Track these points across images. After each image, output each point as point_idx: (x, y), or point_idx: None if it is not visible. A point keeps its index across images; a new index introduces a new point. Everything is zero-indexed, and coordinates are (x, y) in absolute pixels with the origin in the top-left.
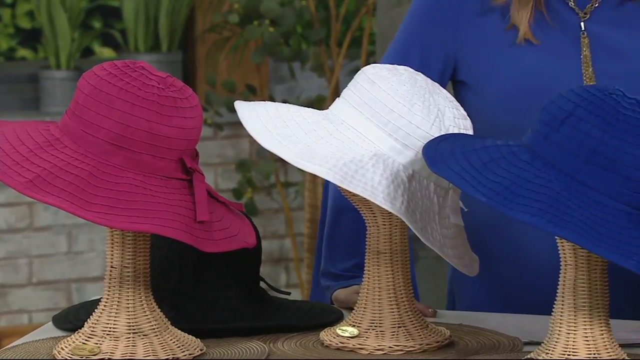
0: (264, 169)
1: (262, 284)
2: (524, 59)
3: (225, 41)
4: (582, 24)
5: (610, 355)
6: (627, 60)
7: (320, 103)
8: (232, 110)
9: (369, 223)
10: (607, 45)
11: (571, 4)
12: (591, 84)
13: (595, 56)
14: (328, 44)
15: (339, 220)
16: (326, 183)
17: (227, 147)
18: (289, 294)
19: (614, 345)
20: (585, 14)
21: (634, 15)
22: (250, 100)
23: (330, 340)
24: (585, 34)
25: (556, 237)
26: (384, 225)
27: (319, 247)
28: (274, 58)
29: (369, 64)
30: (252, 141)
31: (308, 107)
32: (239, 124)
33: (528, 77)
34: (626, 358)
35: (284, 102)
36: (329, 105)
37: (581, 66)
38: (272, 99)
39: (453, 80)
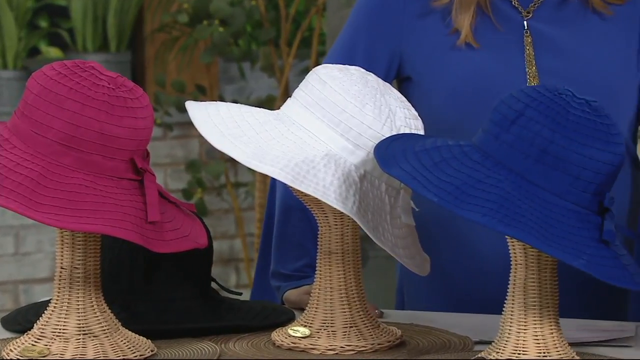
0: (214, 169)
1: (213, 285)
2: (469, 58)
3: (175, 41)
4: (525, 22)
5: (560, 354)
6: (570, 57)
7: (270, 103)
8: (182, 110)
9: (320, 223)
10: (550, 43)
11: (514, 3)
12: (535, 82)
13: (538, 54)
14: (278, 44)
15: (288, 220)
16: (271, 184)
17: (177, 148)
18: (240, 294)
19: (564, 344)
20: (528, 12)
21: (575, 14)
22: (199, 101)
23: (282, 341)
24: (529, 32)
25: (507, 237)
26: (336, 225)
27: (261, 247)
28: (224, 58)
29: (319, 64)
30: (202, 141)
31: (258, 107)
32: (188, 124)
33: (473, 76)
34: (575, 357)
35: (234, 102)
36: (280, 106)
37: (525, 64)
38: (221, 99)
39: (398, 77)
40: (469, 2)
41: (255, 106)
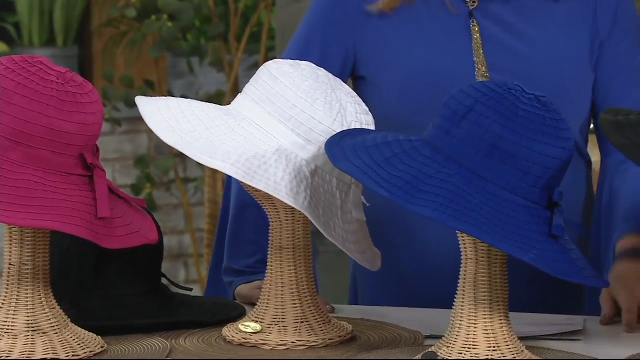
0: (163, 165)
1: (163, 280)
2: (418, 53)
3: (123, 36)
4: (471, 13)
5: (510, 348)
6: (514, 47)
7: (219, 98)
8: (130, 105)
9: (271, 219)
10: (495, 33)
11: None
12: (483, 70)
13: (485, 43)
14: (227, 39)
15: (243, 216)
16: (228, 179)
17: (125, 143)
18: (191, 290)
19: (513, 338)
20: (474, 2)
21: (519, 5)
22: (148, 96)
23: (233, 336)
24: (475, 22)
25: (457, 232)
26: (287, 220)
27: (217, 243)
28: (172, 53)
29: (268, 59)
30: (151, 136)
31: (207, 102)
32: (137, 119)
33: (423, 70)
34: (525, 351)
35: (183, 97)
36: (229, 101)
37: (473, 55)
38: (170, 94)
39: (353, 76)
40: None
41: (205, 101)
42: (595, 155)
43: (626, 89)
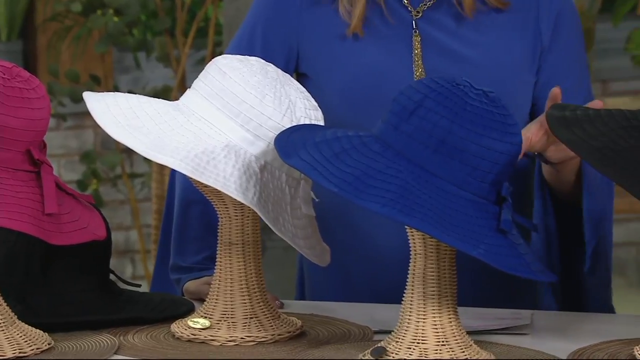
0: (109, 160)
1: (112, 277)
2: (361, 55)
3: (68, 30)
4: (414, 22)
5: (458, 343)
6: (456, 58)
7: (166, 93)
8: (76, 100)
9: (220, 214)
10: (437, 43)
11: (405, 1)
12: (423, 75)
13: (425, 54)
14: (174, 34)
15: (188, 213)
16: (171, 175)
17: (71, 138)
18: (139, 286)
19: (462, 333)
20: (418, 12)
21: (461, 17)
22: (94, 91)
23: (182, 332)
24: (417, 32)
25: (406, 227)
26: (236, 216)
27: (161, 239)
28: (118, 48)
29: (215, 54)
30: (97, 132)
31: (154, 97)
32: (82, 115)
33: (364, 73)
34: (473, 345)
35: (130, 92)
36: (176, 96)
37: (412, 64)
38: (116, 89)
39: (296, 72)
40: None
41: (151, 96)
42: None
43: (571, 92)
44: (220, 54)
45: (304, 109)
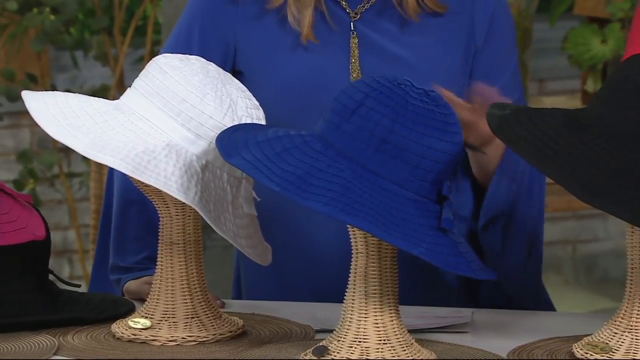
0: (47, 160)
1: (51, 277)
2: (299, 58)
3: (3, 29)
4: (352, 24)
5: (400, 341)
6: (393, 60)
7: (104, 92)
8: (12, 99)
9: (162, 214)
10: (375, 45)
11: (343, 4)
12: (359, 76)
13: (363, 55)
14: (112, 33)
15: (128, 212)
16: (109, 175)
17: (7, 137)
18: (79, 286)
19: (403, 331)
20: (356, 14)
21: (399, 20)
22: (31, 90)
23: (122, 333)
24: (355, 33)
25: (348, 226)
26: (177, 216)
27: (99, 239)
28: (55, 46)
29: (154, 53)
30: (34, 131)
31: (92, 96)
32: (19, 114)
33: (302, 75)
34: (414, 343)
35: (67, 91)
36: (114, 95)
37: (349, 66)
38: (54, 88)
39: (233, 70)
40: (306, 2)
41: (89, 95)
42: None
43: (504, 95)
44: (159, 53)
45: (245, 108)
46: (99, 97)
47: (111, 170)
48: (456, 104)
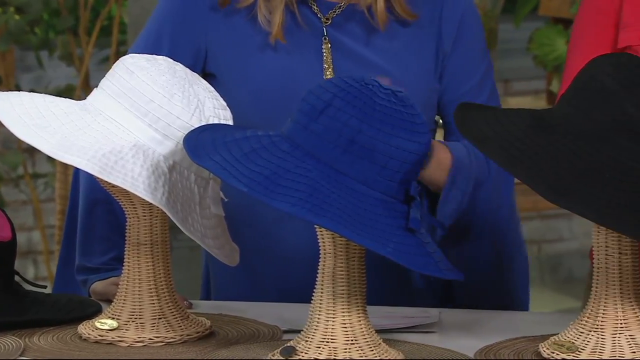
0: (11, 160)
1: (16, 278)
2: (272, 60)
3: None
4: (324, 29)
5: (367, 341)
6: (365, 64)
7: (70, 92)
8: None
9: (129, 215)
10: (346, 50)
11: (314, 9)
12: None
13: (336, 60)
14: (77, 33)
15: (94, 213)
16: (74, 175)
17: None
18: (44, 287)
19: (371, 331)
20: (328, 19)
21: (367, 25)
22: None
23: (89, 334)
24: (327, 39)
25: (316, 226)
26: (145, 216)
27: (64, 240)
28: (20, 46)
29: (119, 53)
30: None
31: (58, 96)
32: None
33: (275, 78)
34: (382, 343)
35: (32, 91)
36: (79, 95)
37: (323, 63)
38: (18, 89)
39: (203, 72)
40: (276, 3)
41: (55, 96)
42: None
43: (472, 98)
44: (124, 53)
45: (212, 109)
46: (64, 97)
47: (77, 170)
48: None
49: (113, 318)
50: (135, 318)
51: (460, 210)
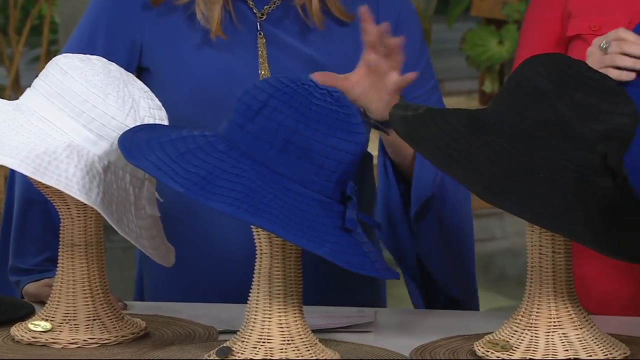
0: None
1: None
2: (208, 57)
3: None
4: (258, 24)
5: (304, 341)
6: (302, 60)
7: (0, 92)
8: None
9: (63, 215)
10: (282, 44)
11: (250, 3)
12: (267, 75)
13: (271, 55)
14: (6, 32)
15: (29, 213)
16: (11, 175)
17: None
18: None
19: (307, 332)
20: (263, 14)
21: (301, 21)
22: None
23: (22, 335)
24: (262, 33)
25: (252, 227)
26: (79, 217)
27: (0, 241)
28: None
29: (50, 53)
30: None
31: None
32: None
33: (210, 75)
34: (318, 343)
35: None
36: (9, 95)
37: (258, 66)
38: None
39: (138, 66)
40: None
41: None
42: (374, 150)
43: (413, 91)
44: (55, 53)
45: (148, 109)
46: None
47: (13, 170)
48: (339, 79)
49: (47, 320)
50: (70, 319)
51: (435, 183)
